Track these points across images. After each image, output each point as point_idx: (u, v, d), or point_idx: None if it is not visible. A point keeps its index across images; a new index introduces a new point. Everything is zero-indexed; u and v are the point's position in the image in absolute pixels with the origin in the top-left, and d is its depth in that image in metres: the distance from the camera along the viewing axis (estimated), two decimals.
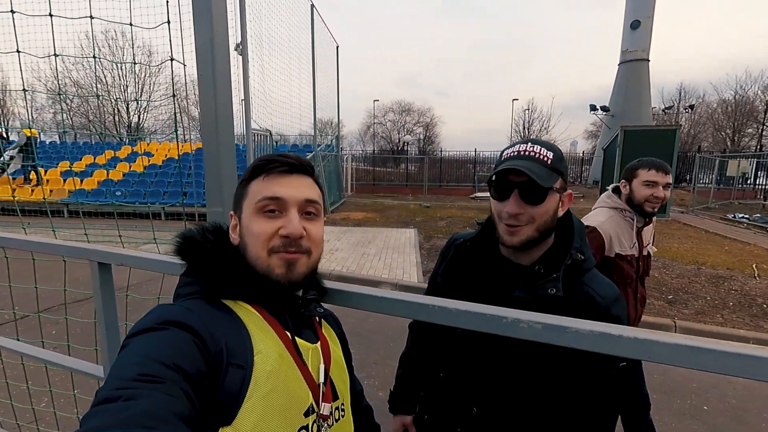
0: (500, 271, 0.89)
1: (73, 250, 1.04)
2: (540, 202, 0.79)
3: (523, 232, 0.81)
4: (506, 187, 0.81)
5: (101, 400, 0.43)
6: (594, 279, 0.84)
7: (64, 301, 1.97)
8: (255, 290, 0.64)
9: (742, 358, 0.50)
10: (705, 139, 29.24)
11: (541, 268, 0.83)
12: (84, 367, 1.04)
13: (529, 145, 0.83)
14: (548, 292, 0.78)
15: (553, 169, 0.80)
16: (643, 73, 20.64)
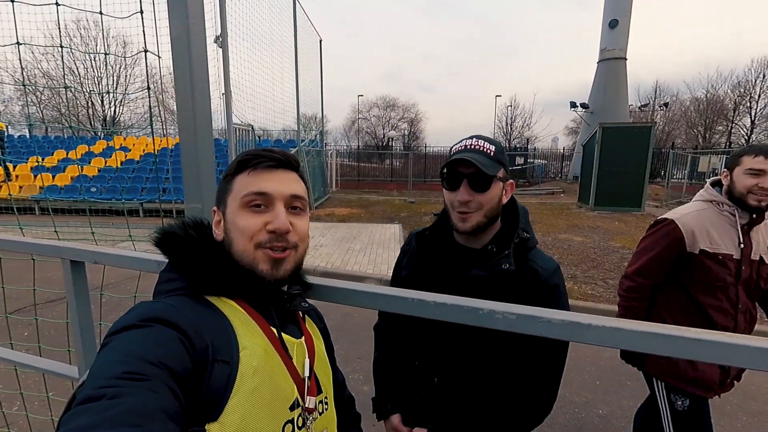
0: (456, 256, 1.00)
1: (43, 248, 1.00)
2: (486, 189, 0.90)
3: (473, 218, 0.92)
4: (456, 178, 0.92)
5: (84, 399, 0.42)
6: (537, 255, 0.97)
7: (34, 302, 1.90)
8: (240, 286, 0.64)
9: (703, 343, 0.53)
10: (678, 136, 30.37)
11: (493, 248, 0.94)
12: (57, 368, 1.01)
13: (474, 140, 0.94)
14: (502, 267, 0.90)
15: (495, 160, 0.91)
16: (620, 71, 21.20)
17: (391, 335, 1.18)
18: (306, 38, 12.06)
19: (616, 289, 4.76)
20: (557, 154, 25.21)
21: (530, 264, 0.93)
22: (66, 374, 1.00)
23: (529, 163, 22.19)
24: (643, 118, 28.00)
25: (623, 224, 9.12)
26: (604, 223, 9.18)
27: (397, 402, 1.13)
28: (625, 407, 2.64)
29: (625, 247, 6.78)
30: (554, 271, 0.95)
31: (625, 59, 21.19)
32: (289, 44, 10.78)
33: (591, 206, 11.25)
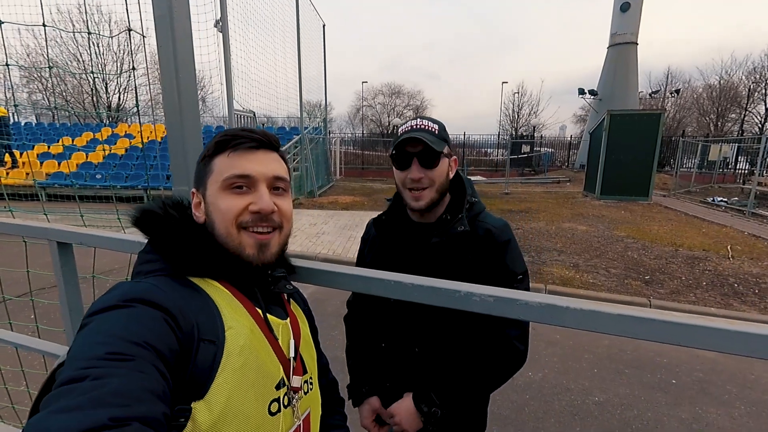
0: (414, 233, 1.05)
1: (31, 230, 1.00)
2: (435, 165, 0.96)
3: (426, 195, 0.97)
4: (406, 158, 0.97)
5: (66, 380, 0.41)
6: (487, 216, 1.04)
7: (29, 285, 1.93)
8: (225, 268, 0.63)
9: (679, 327, 0.52)
10: (690, 124, 29.70)
11: (447, 216, 1.01)
12: (47, 347, 1.02)
13: (419, 120, 0.99)
14: (458, 229, 0.97)
15: (440, 138, 0.97)
16: (631, 56, 20.65)
17: (360, 323, 1.21)
18: (309, 23, 11.87)
19: (618, 279, 4.74)
20: (564, 142, 24.86)
21: (481, 224, 1.00)
22: (54, 353, 1.01)
23: (536, 151, 21.91)
24: (654, 105, 27.39)
25: (629, 213, 9.01)
26: (610, 212, 9.08)
27: (372, 385, 1.14)
28: (622, 395, 2.65)
29: (630, 237, 6.72)
30: (503, 226, 1.02)
31: (636, 44, 20.62)
32: (291, 29, 10.62)
33: (597, 195, 11.13)
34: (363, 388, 1.15)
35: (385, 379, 1.13)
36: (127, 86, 23.53)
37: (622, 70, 20.54)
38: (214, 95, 19.68)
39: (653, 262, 5.38)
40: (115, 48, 22.14)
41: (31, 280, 1.84)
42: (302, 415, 0.66)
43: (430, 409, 0.97)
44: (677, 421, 2.41)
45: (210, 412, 0.51)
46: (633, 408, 2.52)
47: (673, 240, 6.50)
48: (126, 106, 23.72)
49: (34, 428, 0.36)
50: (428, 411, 0.97)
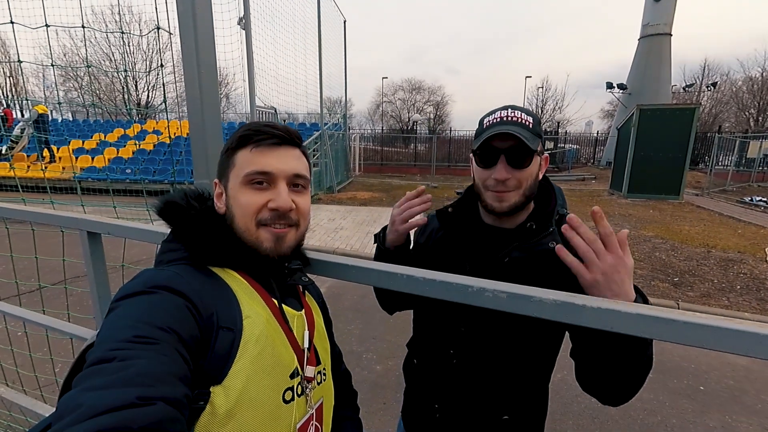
0: (485, 237, 0.91)
1: (63, 220, 1.06)
2: (526, 165, 0.81)
3: (510, 197, 0.83)
4: (492, 154, 0.82)
5: (95, 360, 0.43)
6: None
7: (64, 273, 2.04)
8: (243, 259, 0.65)
9: (704, 328, 0.49)
10: (727, 119, 28.11)
11: (532, 225, 0.85)
12: (78, 331, 1.08)
13: (510, 111, 0.83)
14: (548, 246, 0.80)
15: (535, 133, 0.81)
16: (664, 48, 19.67)
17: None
18: (330, 19, 11.92)
19: (645, 280, 4.56)
20: (590, 138, 24.02)
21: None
22: (84, 337, 1.07)
23: (560, 147, 21.28)
24: (688, 99, 26.02)
25: (658, 212, 8.65)
26: (637, 211, 8.74)
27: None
28: (645, 399, 2.56)
29: (659, 237, 6.45)
30: None
31: (669, 35, 19.61)
32: (312, 26, 10.70)
33: (624, 193, 10.72)
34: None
35: (415, 356, 1.05)
36: (155, 84, 24.38)
37: (653, 63, 19.60)
38: (238, 92, 20.12)
39: (683, 263, 5.15)
40: (145, 47, 22.95)
41: (68, 269, 1.95)
42: (315, 405, 0.67)
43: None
44: (704, 429, 2.31)
45: (227, 397, 0.53)
46: (656, 414, 2.43)
47: (705, 241, 6.19)
48: (154, 103, 24.59)
49: (68, 404, 0.39)
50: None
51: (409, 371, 1.11)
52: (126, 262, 1.74)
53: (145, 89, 24.73)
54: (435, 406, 0.97)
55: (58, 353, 1.91)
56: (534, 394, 0.93)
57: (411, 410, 1.09)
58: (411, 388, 1.10)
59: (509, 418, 0.91)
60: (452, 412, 0.95)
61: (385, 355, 2.92)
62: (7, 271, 2.03)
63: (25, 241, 2.04)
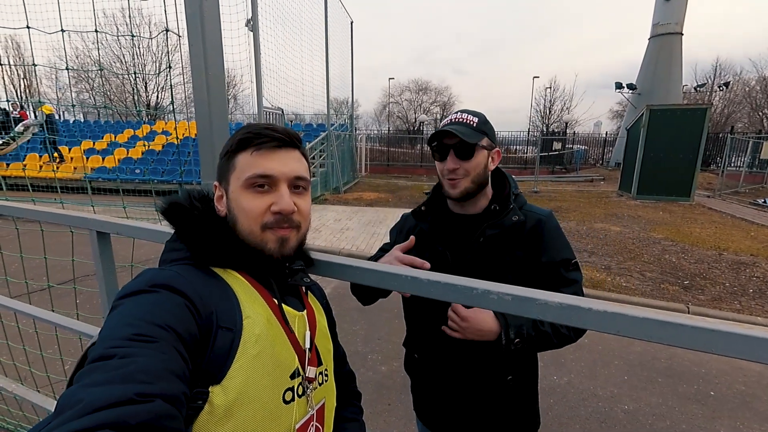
0: (457, 225, 1.06)
1: (73, 220, 1.08)
2: (470, 157, 0.97)
3: (461, 184, 0.99)
4: (443, 149, 1.00)
5: (96, 357, 0.44)
6: (532, 206, 1.06)
7: (73, 272, 2.07)
8: (244, 260, 0.65)
9: (712, 333, 0.48)
10: (740, 120, 27.62)
11: (496, 207, 1.02)
12: (87, 329, 1.10)
13: (459, 114, 1.01)
14: (513, 219, 0.99)
15: (478, 131, 0.98)
16: (675, 48, 19.37)
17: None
18: (337, 20, 11.96)
19: (654, 283, 4.50)
20: (599, 139, 23.77)
21: (531, 214, 1.02)
22: (90, 334, 1.09)
23: (567, 148, 21.08)
24: (699, 99, 25.61)
25: (668, 214, 8.52)
26: (647, 213, 8.62)
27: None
28: (654, 404, 2.52)
29: (668, 239, 6.35)
30: (550, 214, 1.05)
31: (680, 35, 19.32)
32: (319, 27, 10.75)
33: (633, 195, 10.59)
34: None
35: (415, 351, 1.14)
36: (164, 85, 24.67)
37: (664, 63, 19.32)
38: (245, 93, 20.30)
39: (693, 266, 5.06)
40: (155, 48, 23.24)
41: (77, 268, 1.98)
42: (316, 405, 0.67)
43: (515, 332, 0.91)
44: None
45: (226, 397, 0.53)
46: (666, 418, 2.40)
47: (716, 243, 6.09)
48: (163, 104, 24.89)
49: (69, 399, 0.39)
50: (510, 335, 0.91)
51: (412, 367, 1.19)
52: (134, 262, 1.76)
53: (155, 90, 25.04)
54: (445, 388, 1.09)
55: (67, 351, 1.94)
56: (527, 354, 1.06)
57: (423, 402, 1.18)
58: (418, 382, 1.19)
59: (513, 377, 1.04)
60: (462, 386, 1.06)
61: (390, 356, 2.92)
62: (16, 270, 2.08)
63: (33, 240, 2.08)
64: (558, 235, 1.01)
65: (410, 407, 1.24)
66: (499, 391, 1.05)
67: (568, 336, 0.96)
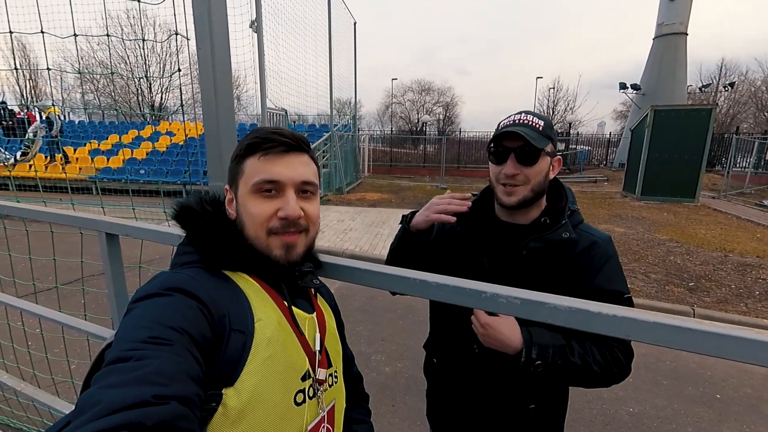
0: (500, 232, 0.98)
1: (83, 221, 1.09)
2: (533, 162, 0.89)
3: (519, 192, 0.91)
4: (503, 152, 0.92)
5: (113, 360, 0.45)
6: (589, 227, 0.97)
7: (81, 272, 2.08)
8: (254, 264, 0.66)
9: (722, 338, 0.48)
10: (745, 120, 27.42)
11: (546, 219, 0.94)
12: (95, 329, 1.11)
13: (523, 115, 0.93)
14: (563, 236, 0.89)
15: (544, 135, 0.90)
16: (679, 48, 19.26)
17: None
18: (340, 21, 11.99)
19: (659, 284, 4.48)
20: (602, 139, 23.66)
21: (585, 235, 0.93)
22: (102, 335, 1.09)
23: (571, 149, 21.00)
24: (704, 100, 25.45)
25: (672, 215, 8.47)
26: (651, 214, 8.58)
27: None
28: (659, 407, 2.51)
29: (673, 240, 6.31)
30: (609, 240, 0.95)
31: (685, 35, 19.21)
32: (323, 28, 10.77)
33: (637, 195, 10.53)
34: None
35: (434, 356, 1.09)
36: (168, 86, 24.79)
37: (668, 63, 19.22)
38: (248, 94, 20.33)
39: (699, 268, 5.03)
40: (159, 50, 23.37)
41: (80, 268, 1.99)
42: (327, 407, 0.68)
43: (537, 352, 0.83)
44: None
45: (239, 399, 0.54)
46: (671, 421, 2.38)
47: (722, 245, 6.05)
48: (167, 105, 25.02)
49: (87, 401, 0.40)
50: (532, 354, 0.83)
51: (430, 371, 1.13)
52: (139, 261, 1.77)
53: (159, 91, 25.18)
54: (462, 402, 1.02)
55: (73, 351, 1.95)
56: (554, 383, 0.97)
57: (437, 410, 1.12)
58: (434, 389, 1.13)
59: (536, 407, 0.96)
60: (480, 405, 1.00)
61: (394, 357, 2.92)
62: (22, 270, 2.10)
63: (40, 240, 2.10)
64: (613, 263, 0.91)
65: (414, 408, 1.24)
66: (519, 420, 0.97)
67: (599, 375, 0.85)
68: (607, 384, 0.88)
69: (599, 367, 0.85)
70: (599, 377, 0.86)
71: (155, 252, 4.92)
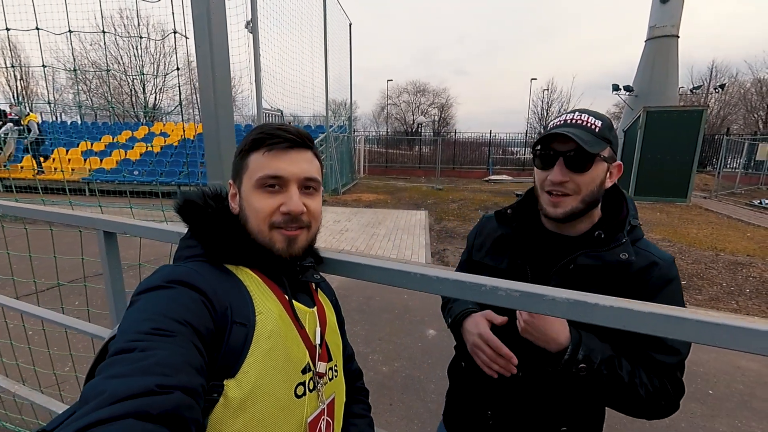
0: (546, 243, 0.87)
1: (81, 220, 1.08)
2: (586, 169, 0.77)
3: (566, 202, 0.79)
4: (551, 156, 0.80)
5: (117, 350, 0.46)
6: (649, 245, 0.84)
7: (83, 271, 2.07)
8: (256, 258, 0.66)
9: (716, 327, 0.50)
10: (735, 121, 27.83)
11: (601, 234, 0.81)
12: (92, 329, 1.10)
13: (577, 114, 0.81)
14: (620, 257, 0.76)
15: (601, 137, 0.78)
16: (671, 50, 19.48)
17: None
18: (335, 22, 12.00)
19: None
20: None
21: (645, 254, 0.80)
22: (99, 335, 1.09)
23: None
24: (695, 101, 25.80)
25: (665, 215, 8.58)
26: (644, 214, 8.67)
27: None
28: None
29: (666, 239, 6.40)
30: (672, 261, 0.82)
31: (677, 37, 19.45)
32: (318, 29, 10.77)
33: (630, 195, 10.65)
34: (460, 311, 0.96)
35: (462, 359, 1.01)
36: (162, 87, 24.61)
37: (660, 65, 19.43)
38: (244, 94, 20.25)
39: (691, 266, 5.10)
40: (152, 50, 23.22)
41: (77, 268, 1.98)
42: (327, 400, 0.68)
43: (584, 355, 0.74)
44: None
45: (240, 390, 0.54)
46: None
47: (713, 244, 6.13)
48: (161, 106, 24.84)
49: (92, 390, 0.41)
50: (578, 355, 0.74)
51: (456, 374, 1.07)
52: (134, 261, 1.77)
53: (153, 92, 25.00)
54: (488, 413, 0.94)
55: (65, 350, 1.93)
56: (592, 406, 0.90)
57: (457, 414, 1.06)
58: (456, 392, 1.07)
59: (567, 429, 0.88)
60: (507, 420, 0.92)
61: (391, 356, 2.92)
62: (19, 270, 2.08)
63: (37, 239, 2.08)
64: (674, 288, 0.79)
65: (411, 407, 1.24)
66: None
67: (644, 400, 0.76)
68: (651, 414, 0.79)
69: (645, 391, 0.76)
70: (644, 402, 0.76)
71: (151, 253, 4.88)
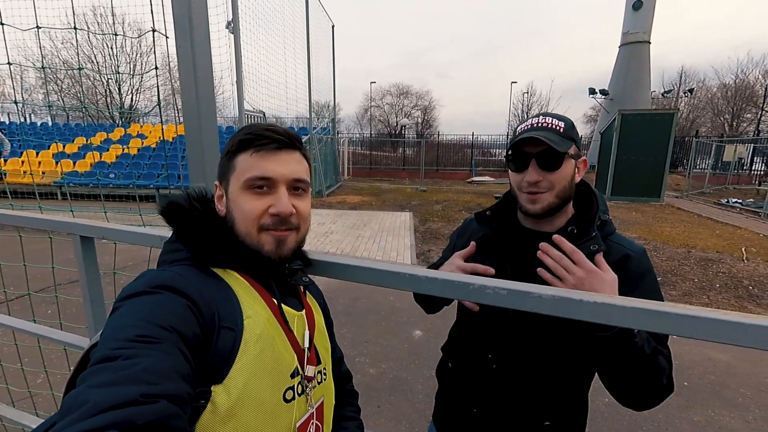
0: (524, 240, 0.91)
1: (56, 224, 1.04)
2: (557, 167, 0.83)
3: (544, 198, 0.85)
4: (524, 159, 0.86)
5: (100, 358, 0.44)
6: (621, 237, 0.89)
7: (54, 279, 1.98)
8: (244, 261, 0.65)
9: (696, 320, 0.52)
10: (704, 124, 29.15)
11: (574, 229, 0.85)
12: (70, 339, 1.06)
13: (542, 117, 0.87)
14: (591, 249, 0.80)
15: (566, 137, 0.84)
16: (643, 55, 20.33)
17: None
18: (319, 24, 11.94)
19: None
20: None
21: (617, 247, 0.85)
22: (78, 345, 1.05)
23: None
24: (666, 105, 26.93)
25: (640, 214, 8.89)
26: (620, 213, 8.97)
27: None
28: None
29: (642, 238, 6.63)
30: (643, 253, 0.86)
31: (648, 43, 20.29)
32: (301, 31, 10.70)
33: (607, 196, 11.00)
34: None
35: (449, 360, 1.05)
36: (139, 87, 23.89)
37: (634, 70, 20.23)
38: (225, 96, 19.86)
39: (665, 263, 5.30)
40: (129, 50, 22.53)
41: (49, 276, 1.90)
42: (315, 404, 0.68)
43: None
44: (689, 424, 2.38)
45: (228, 396, 0.53)
46: None
47: (685, 241, 6.40)
48: (138, 107, 24.10)
49: (75, 399, 0.39)
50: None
51: (443, 375, 1.10)
52: (108, 269, 1.71)
53: (129, 92, 24.24)
54: (473, 411, 0.97)
55: (37, 361, 1.85)
56: (575, 400, 0.93)
57: (445, 414, 1.08)
58: (445, 392, 1.09)
59: (551, 424, 0.91)
60: (492, 417, 0.95)
61: (378, 358, 2.92)
62: None
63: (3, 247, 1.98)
64: (648, 278, 0.83)
65: (399, 409, 1.24)
66: None
67: (659, 369, 0.75)
68: (653, 393, 0.78)
69: (663, 358, 0.76)
70: (659, 374, 0.75)
71: (128, 258, 4.72)
